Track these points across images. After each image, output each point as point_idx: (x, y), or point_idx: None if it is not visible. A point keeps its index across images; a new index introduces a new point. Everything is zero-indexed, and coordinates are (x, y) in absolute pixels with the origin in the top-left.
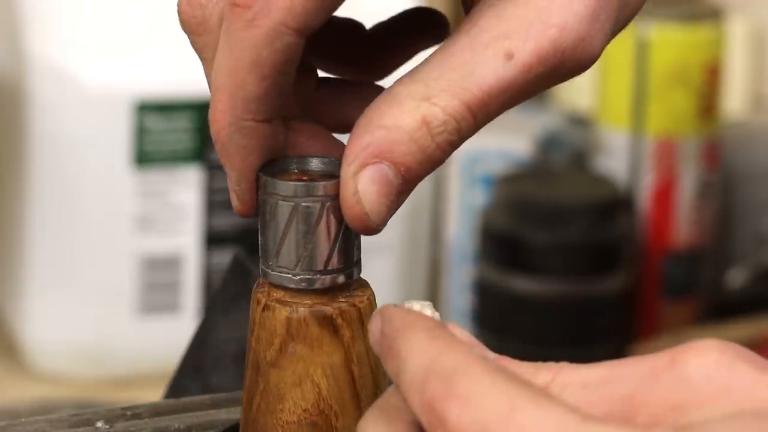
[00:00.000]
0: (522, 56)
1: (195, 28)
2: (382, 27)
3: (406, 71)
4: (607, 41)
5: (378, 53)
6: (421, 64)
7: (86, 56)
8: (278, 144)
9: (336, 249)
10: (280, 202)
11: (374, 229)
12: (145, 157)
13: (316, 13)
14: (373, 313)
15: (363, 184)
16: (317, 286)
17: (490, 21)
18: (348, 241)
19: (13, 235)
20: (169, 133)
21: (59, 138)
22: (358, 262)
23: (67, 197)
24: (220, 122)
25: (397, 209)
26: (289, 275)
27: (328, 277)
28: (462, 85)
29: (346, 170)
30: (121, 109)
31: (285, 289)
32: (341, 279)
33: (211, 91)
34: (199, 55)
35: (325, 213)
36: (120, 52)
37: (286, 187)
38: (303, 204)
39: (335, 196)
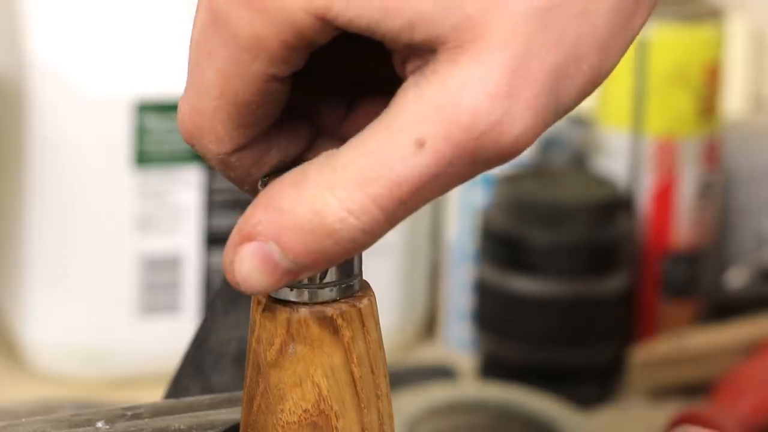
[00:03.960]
0: (433, 144)
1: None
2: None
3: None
4: (542, 123)
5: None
6: (348, 142)
7: (86, 56)
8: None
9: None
10: None
11: (250, 294)
12: (145, 157)
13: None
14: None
15: (239, 258)
16: (319, 299)
17: (408, 103)
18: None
19: (13, 235)
20: (169, 133)
21: (59, 138)
22: (360, 273)
23: (67, 197)
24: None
25: (291, 280)
26: (291, 289)
27: (328, 290)
28: (370, 175)
29: (232, 239)
30: (121, 110)
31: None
32: (343, 291)
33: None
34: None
35: None
36: (120, 52)
37: None
38: None
39: None
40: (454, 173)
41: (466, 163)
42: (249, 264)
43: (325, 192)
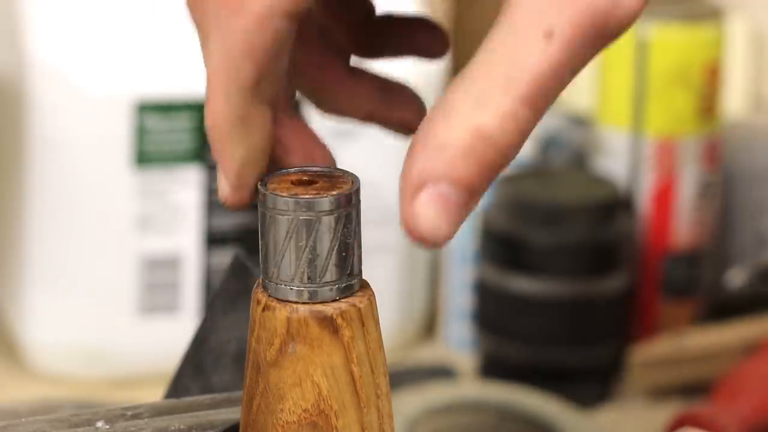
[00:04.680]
0: (561, 31)
1: (195, 10)
2: (386, 16)
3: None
4: None
5: (373, 39)
6: (471, 62)
7: (86, 57)
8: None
9: (338, 262)
10: (279, 216)
11: (439, 246)
12: (145, 157)
13: None
14: None
15: (417, 212)
16: (319, 299)
17: (522, 2)
18: (349, 254)
19: (13, 235)
20: (169, 133)
21: (59, 138)
22: (360, 273)
23: (67, 197)
24: (218, 113)
25: (465, 219)
26: (291, 288)
27: (328, 289)
28: (509, 77)
29: (404, 194)
30: (121, 110)
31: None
32: (343, 291)
33: (206, 78)
34: (197, 31)
35: (326, 227)
36: (120, 52)
37: (286, 202)
38: (303, 218)
39: (335, 210)
40: (584, 53)
41: (593, 40)
42: (430, 213)
43: (474, 111)
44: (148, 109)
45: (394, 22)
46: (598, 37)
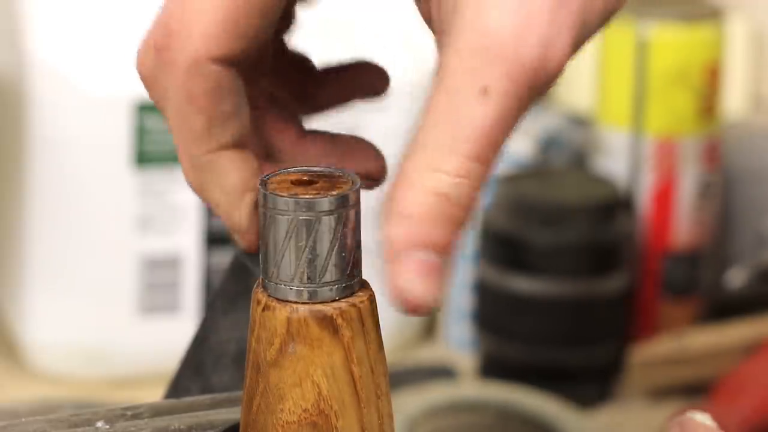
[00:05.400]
0: (496, 86)
1: (147, 82)
2: (327, 69)
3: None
4: (573, 46)
5: (317, 92)
6: (420, 124)
7: (86, 56)
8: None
9: (337, 262)
10: (279, 216)
11: (431, 311)
12: (145, 157)
13: (230, 40)
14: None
15: (408, 287)
16: (319, 299)
17: (454, 62)
18: (350, 254)
19: (13, 235)
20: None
21: (59, 138)
22: (360, 273)
23: (67, 197)
24: (184, 167)
25: (448, 276)
26: (291, 288)
27: (328, 289)
28: (454, 137)
29: (391, 270)
30: (121, 110)
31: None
32: (343, 291)
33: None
34: (156, 104)
35: (326, 227)
36: (120, 52)
37: (286, 202)
38: (303, 218)
39: (335, 210)
40: (520, 105)
41: (526, 92)
42: (415, 283)
43: (433, 173)
44: (148, 109)
45: (333, 72)
46: (531, 89)
